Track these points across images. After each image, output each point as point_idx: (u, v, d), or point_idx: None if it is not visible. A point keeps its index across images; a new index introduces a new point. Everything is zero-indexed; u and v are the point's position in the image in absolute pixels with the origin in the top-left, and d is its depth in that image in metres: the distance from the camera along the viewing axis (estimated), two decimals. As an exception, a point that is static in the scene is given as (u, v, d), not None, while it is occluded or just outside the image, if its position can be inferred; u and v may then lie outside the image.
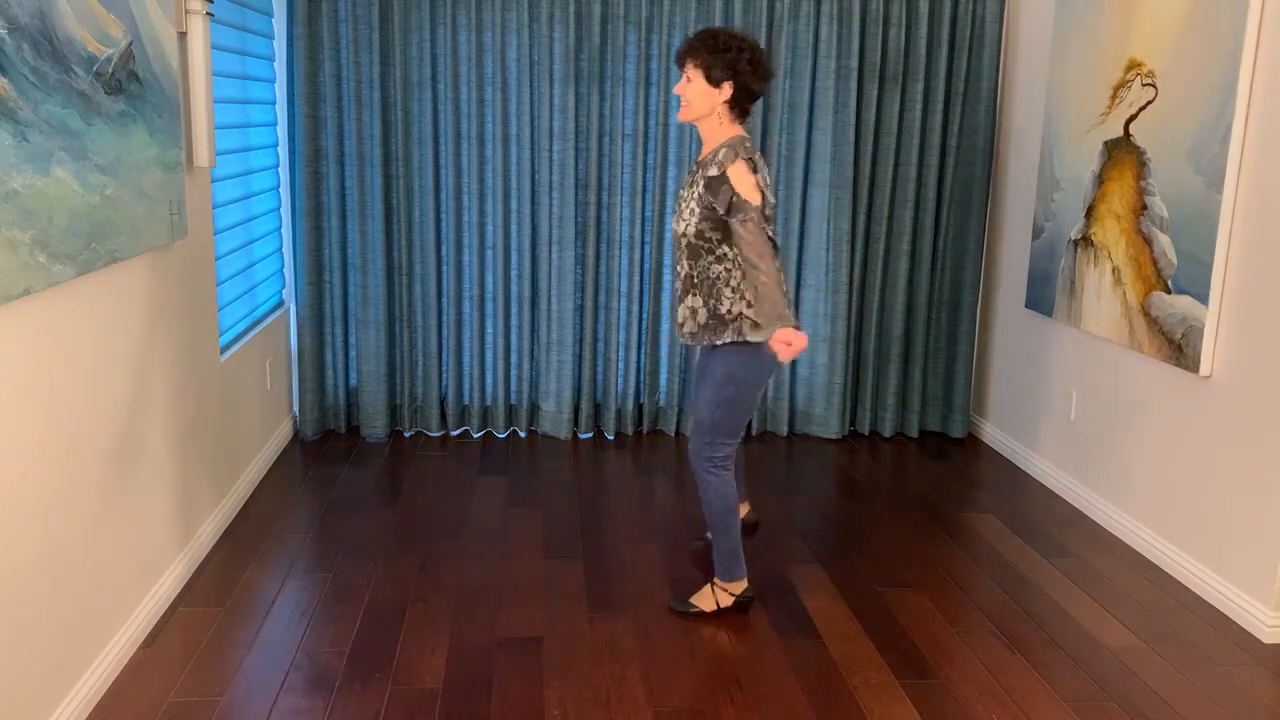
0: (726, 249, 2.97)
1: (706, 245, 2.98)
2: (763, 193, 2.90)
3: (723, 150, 2.93)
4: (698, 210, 2.95)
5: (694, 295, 3.04)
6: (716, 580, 3.20)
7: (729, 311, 2.99)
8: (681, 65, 2.98)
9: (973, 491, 4.31)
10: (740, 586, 3.19)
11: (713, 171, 2.91)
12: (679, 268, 3.10)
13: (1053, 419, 4.36)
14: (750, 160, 2.90)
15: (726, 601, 3.19)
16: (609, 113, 4.62)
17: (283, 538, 3.68)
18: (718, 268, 2.99)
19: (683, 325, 3.11)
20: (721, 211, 2.88)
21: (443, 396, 4.88)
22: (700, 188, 2.96)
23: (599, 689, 2.77)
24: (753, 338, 2.98)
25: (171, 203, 3.12)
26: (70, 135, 2.45)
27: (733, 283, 2.98)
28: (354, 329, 4.76)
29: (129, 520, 2.90)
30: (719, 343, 3.02)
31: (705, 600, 3.20)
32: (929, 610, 3.26)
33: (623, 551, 3.64)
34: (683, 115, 3.01)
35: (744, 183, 2.86)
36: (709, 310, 3.02)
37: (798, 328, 2.80)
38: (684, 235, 3.02)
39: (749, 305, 2.98)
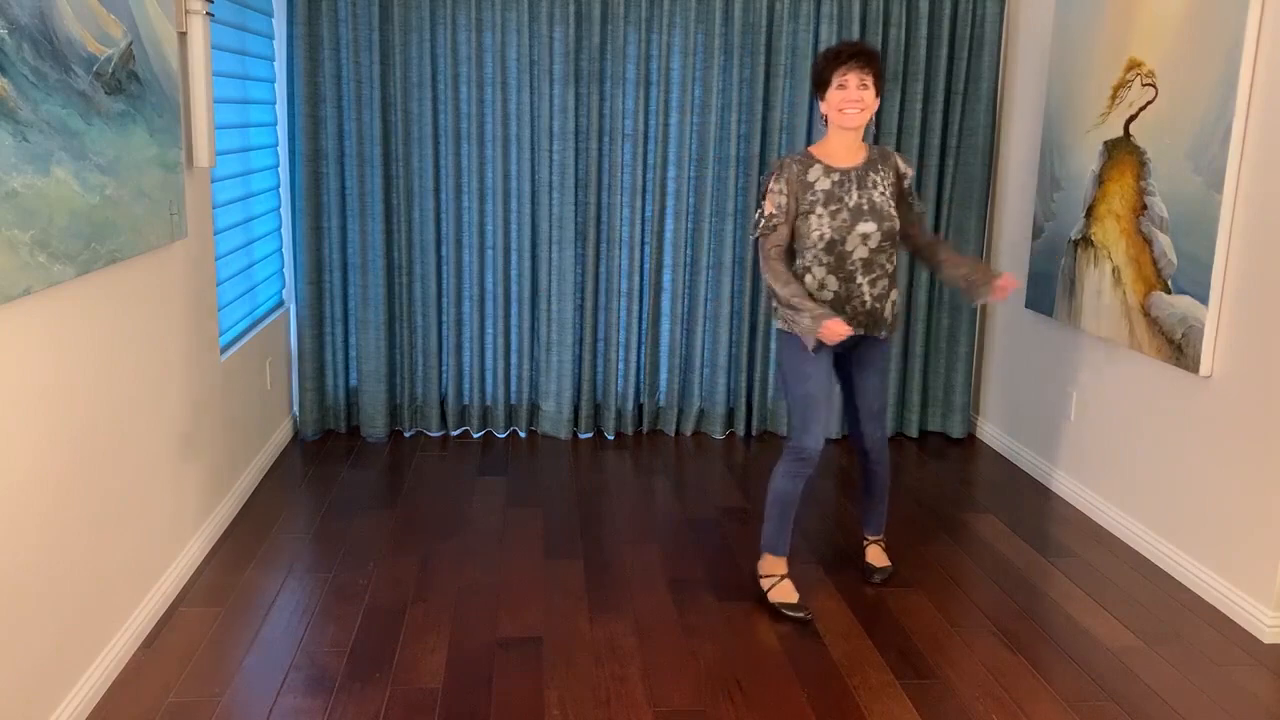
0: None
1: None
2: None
3: (886, 150, 3.23)
4: (895, 203, 3.20)
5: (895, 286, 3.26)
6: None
7: None
8: (867, 70, 3.04)
9: (973, 491, 4.31)
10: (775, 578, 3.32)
11: (910, 170, 3.25)
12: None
13: (1053, 419, 4.36)
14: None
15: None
16: (609, 113, 4.62)
17: (283, 538, 3.68)
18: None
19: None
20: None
21: (443, 396, 4.88)
22: (905, 184, 3.24)
23: (599, 689, 2.77)
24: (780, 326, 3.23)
25: (171, 203, 3.12)
26: (70, 135, 2.45)
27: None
28: (354, 329, 4.76)
29: (129, 520, 2.90)
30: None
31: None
32: (929, 610, 3.26)
33: (623, 551, 3.64)
34: (862, 120, 3.09)
35: None
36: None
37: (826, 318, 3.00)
38: (891, 230, 3.16)
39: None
